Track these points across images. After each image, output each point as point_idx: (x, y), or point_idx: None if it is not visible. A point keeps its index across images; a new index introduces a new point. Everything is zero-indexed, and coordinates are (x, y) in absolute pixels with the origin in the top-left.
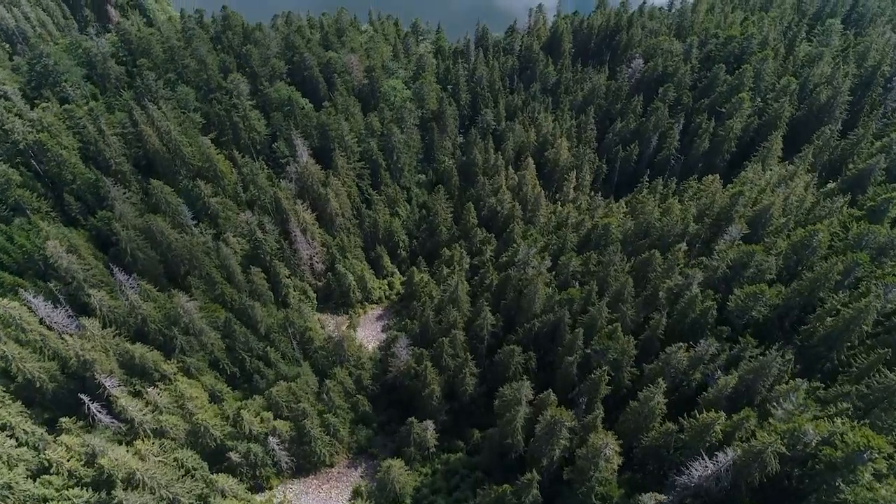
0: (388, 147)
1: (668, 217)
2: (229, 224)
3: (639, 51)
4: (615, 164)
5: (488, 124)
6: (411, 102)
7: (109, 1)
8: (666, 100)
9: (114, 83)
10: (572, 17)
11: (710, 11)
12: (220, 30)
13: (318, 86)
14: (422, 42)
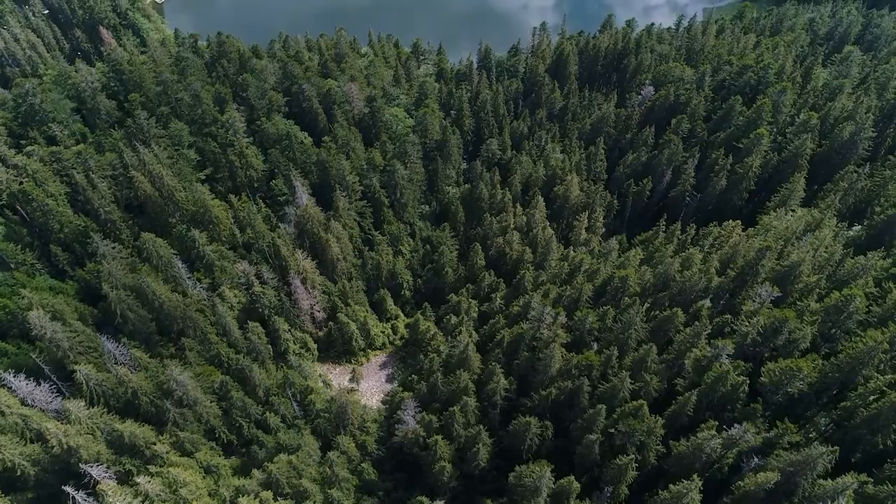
0: (391, 183)
1: (689, 270)
2: (225, 276)
3: (648, 77)
4: (626, 198)
5: (493, 154)
6: (414, 134)
7: (101, 22)
8: (679, 131)
9: (104, 119)
10: (577, 37)
11: (721, 33)
12: (216, 56)
13: (317, 117)
14: (423, 63)
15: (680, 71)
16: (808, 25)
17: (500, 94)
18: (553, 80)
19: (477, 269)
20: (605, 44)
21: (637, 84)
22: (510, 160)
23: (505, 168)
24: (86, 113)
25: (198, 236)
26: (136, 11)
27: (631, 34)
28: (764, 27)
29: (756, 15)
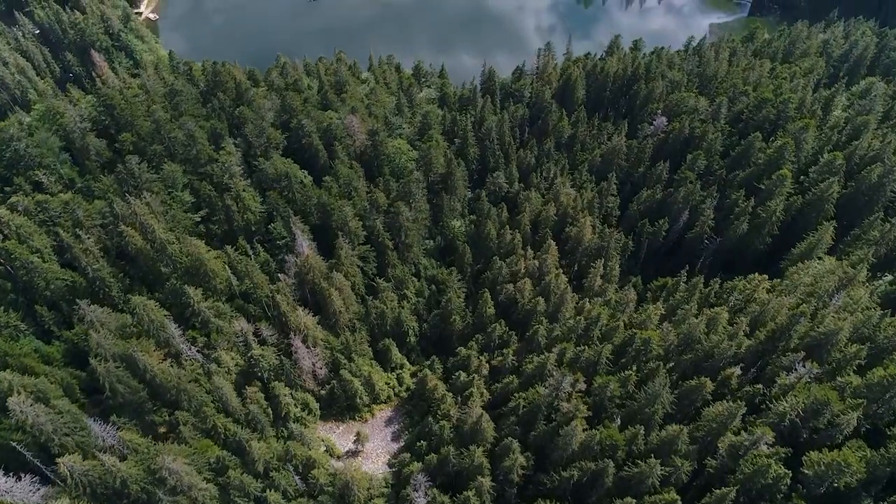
0: (395, 225)
1: (716, 331)
2: (222, 337)
3: (660, 106)
4: (641, 237)
5: (500, 187)
6: (418, 168)
7: (93, 45)
8: (695, 168)
9: (94, 160)
10: (584, 60)
11: (733, 56)
12: (211, 85)
13: (317, 153)
14: (425, 87)
15: (693, 101)
16: (821, 48)
17: (505, 121)
18: (560, 107)
19: (486, 318)
20: (613, 68)
21: (648, 113)
22: (518, 193)
23: (512, 202)
24: (75, 152)
25: (192, 294)
26: (129, 32)
27: (640, 57)
28: (777, 50)
29: (768, 36)
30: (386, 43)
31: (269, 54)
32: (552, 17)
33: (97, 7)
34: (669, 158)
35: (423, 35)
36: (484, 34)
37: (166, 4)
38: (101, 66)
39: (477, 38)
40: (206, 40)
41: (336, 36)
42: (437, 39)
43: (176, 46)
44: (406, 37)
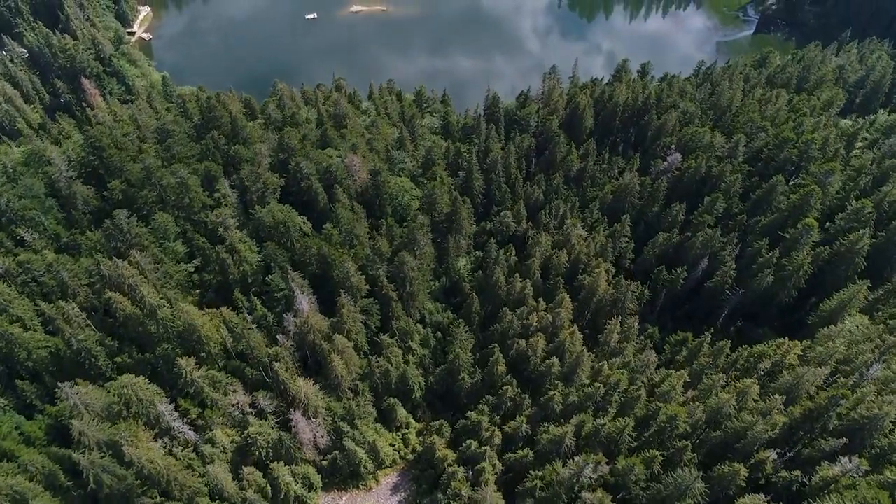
0: (400, 276)
1: (747, 409)
2: (216, 413)
3: (673, 140)
4: (657, 284)
5: (507, 226)
6: (423, 213)
7: (83, 72)
8: (713, 211)
9: (81, 209)
10: (592, 86)
11: (746, 84)
12: (206, 119)
13: (317, 196)
14: (427, 114)
15: (709, 136)
16: (837, 73)
17: (511, 152)
18: (568, 138)
19: (497, 377)
20: (622, 97)
21: (661, 147)
22: (526, 232)
23: (520, 241)
24: (62, 199)
25: (184, 365)
26: (121, 58)
27: (649, 85)
28: (791, 76)
29: (780, 62)
30: (385, 58)
31: (265, 72)
32: (555, 31)
33: (88, 31)
34: (685, 199)
35: (422, 49)
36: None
37: (160, 23)
38: (91, 94)
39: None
40: (201, 60)
41: (335, 53)
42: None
43: (170, 67)
44: (405, 52)
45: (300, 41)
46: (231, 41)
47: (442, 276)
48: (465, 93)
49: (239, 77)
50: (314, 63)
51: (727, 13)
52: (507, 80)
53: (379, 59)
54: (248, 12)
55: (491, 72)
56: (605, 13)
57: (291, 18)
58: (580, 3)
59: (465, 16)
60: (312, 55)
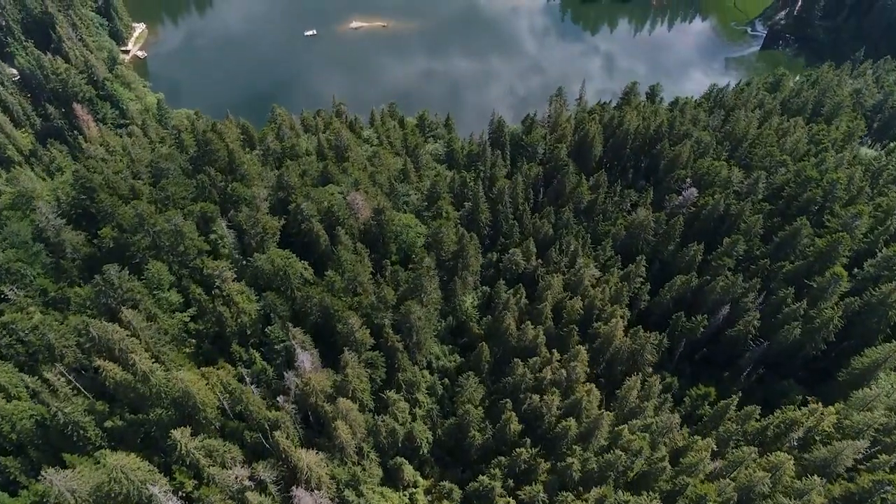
0: (406, 325)
1: (783, 493)
2: (213, 490)
3: (688, 173)
4: (675, 330)
5: (516, 264)
6: (430, 254)
7: (76, 97)
8: (734, 253)
9: (70, 257)
10: (600, 110)
11: (760, 109)
12: (202, 152)
13: (318, 239)
14: (430, 139)
15: (726, 171)
16: (854, 98)
17: (518, 183)
18: (578, 168)
19: (509, 436)
20: (633, 124)
21: (675, 180)
22: (535, 270)
23: (530, 278)
24: (50, 246)
25: (179, 437)
26: (115, 81)
27: (661, 110)
28: (807, 101)
29: (794, 84)
30: (385, 75)
31: (264, 90)
32: (559, 46)
33: (80, 53)
34: (702, 236)
35: (424, 65)
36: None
37: (156, 40)
38: (84, 120)
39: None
40: (198, 78)
41: (334, 69)
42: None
43: (166, 86)
44: (407, 68)
45: (299, 58)
46: (228, 58)
47: (449, 315)
48: (469, 112)
49: (236, 95)
50: (314, 80)
51: (735, 28)
52: (512, 101)
53: (379, 76)
54: (245, 28)
55: (495, 93)
56: (610, 26)
57: (290, 35)
58: (584, 17)
59: (467, 31)
60: (312, 72)
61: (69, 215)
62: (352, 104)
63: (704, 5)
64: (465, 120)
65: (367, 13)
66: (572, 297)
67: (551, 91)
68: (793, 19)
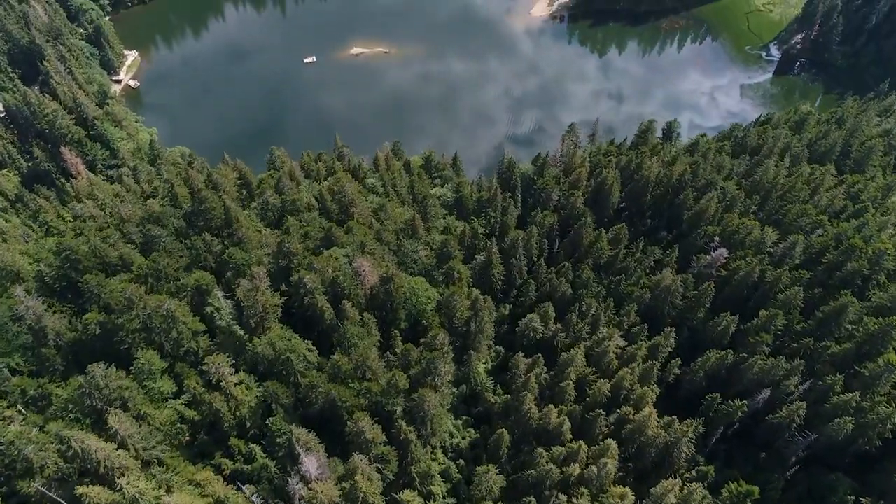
0: (419, 414)
1: None
2: None
3: (716, 230)
4: (710, 411)
5: (534, 331)
6: (443, 331)
7: (64, 139)
8: (771, 328)
9: (52, 344)
10: (616, 151)
11: (787, 153)
12: (196, 211)
13: (323, 314)
14: (437, 181)
15: (757, 231)
16: (884, 139)
17: (533, 235)
18: (594, 216)
19: None
20: (653, 171)
21: (702, 237)
22: (555, 336)
23: (550, 345)
24: (32, 334)
25: None
26: (105, 119)
27: (680, 154)
28: (835, 143)
29: (818, 122)
30: (386, 104)
31: (261, 119)
32: (566, 71)
33: (69, 89)
34: (735, 305)
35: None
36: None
37: (149, 67)
38: (72, 163)
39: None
40: (192, 109)
41: (334, 97)
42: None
43: (159, 117)
44: (409, 96)
45: (298, 86)
46: (224, 86)
47: (462, 384)
48: (477, 140)
49: (233, 125)
50: (314, 108)
51: (750, 52)
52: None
53: (381, 104)
54: (242, 53)
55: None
56: (619, 49)
57: (289, 62)
58: (591, 39)
59: (473, 56)
60: (311, 100)
61: (53, 289)
62: (353, 133)
63: (717, 28)
64: (472, 151)
65: (368, 39)
66: (596, 372)
67: (558, 116)
68: (809, 43)
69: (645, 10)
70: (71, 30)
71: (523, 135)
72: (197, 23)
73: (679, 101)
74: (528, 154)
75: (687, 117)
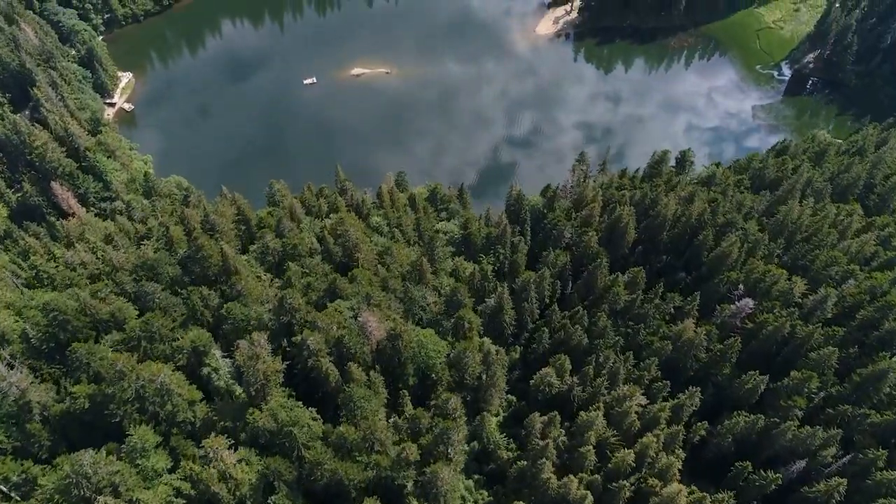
0: (433, 492)
1: None
2: None
3: (740, 277)
4: (739, 481)
5: (550, 385)
6: (455, 395)
7: (55, 172)
8: (804, 391)
9: (37, 421)
10: (629, 184)
11: (809, 189)
12: (192, 258)
13: (327, 376)
14: (443, 213)
15: (784, 281)
16: None
17: (545, 277)
18: (608, 255)
19: None
20: (670, 209)
21: (725, 283)
22: (571, 390)
23: (564, 400)
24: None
25: None
26: (98, 150)
27: (697, 191)
28: (858, 178)
29: (837, 147)
30: (388, 126)
31: (260, 142)
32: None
33: (61, 118)
34: (763, 361)
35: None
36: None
37: (144, 87)
38: (62, 199)
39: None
40: (188, 132)
41: (334, 119)
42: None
43: (154, 141)
44: (411, 119)
45: (298, 109)
46: (222, 108)
47: (473, 440)
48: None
49: (231, 149)
50: (313, 130)
51: (761, 72)
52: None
53: (384, 126)
54: (239, 74)
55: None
56: (625, 66)
57: (288, 83)
58: (596, 56)
59: (476, 77)
60: (312, 124)
61: (40, 350)
62: (356, 159)
63: (726, 46)
64: (480, 181)
65: (369, 59)
66: (617, 435)
67: (565, 136)
68: (822, 63)
69: (652, 27)
70: (63, 52)
71: (532, 165)
72: (193, 41)
73: (689, 124)
74: (536, 178)
75: (697, 141)
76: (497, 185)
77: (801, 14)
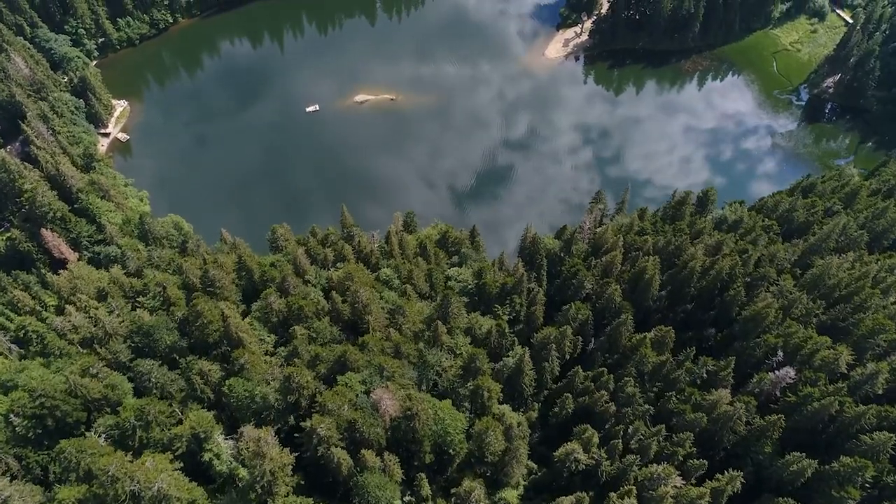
0: None
1: None
2: None
3: (779, 342)
4: None
5: (576, 461)
6: (479, 483)
7: (45, 218)
8: (858, 481)
9: None
10: (651, 227)
11: (843, 237)
12: (191, 321)
13: (339, 466)
14: (454, 262)
15: (828, 350)
16: None
17: (567, 334)
18: (636, 322)
19: None
20: (697, 262)
21: (761, 347)
22: (598, 465)
23: (594, 477)
24: None
25: None
26: (91, 192)
27: (727, 240)
28: (893, 224)
29: (868, 186)
30: (393, 155)
31: (260, 171)
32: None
33: (52, 157)
34: (807, 440)
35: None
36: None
37: (141, 112)
38: (53, 246)
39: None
40: (185, 164)
41: (339, 147)
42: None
43: (150, 173)
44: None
45: (301, 138)
46: (221, 138)
47: None
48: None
49: (230, 181)
50: (318, 164)
51: (779, 98)
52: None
53: (388, 155)
54: (238, 100)
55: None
56: (636, 87)
57: (290, 110)
58: (605, 79)
59: (484, 105)
60: (315, 154)
61: (27, 438)
62: (362, 191)
63: (743, 70)
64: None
65: (373, 85)
66: None
67: (578, 158)
68: (843, 88)
69: (665, 49)
70: (55, 80)
71: (546, 204)
72: (191, 65)
73: (706, 154)
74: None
75: (714, 173)
76: (506, 225)
77: (819, 36)
